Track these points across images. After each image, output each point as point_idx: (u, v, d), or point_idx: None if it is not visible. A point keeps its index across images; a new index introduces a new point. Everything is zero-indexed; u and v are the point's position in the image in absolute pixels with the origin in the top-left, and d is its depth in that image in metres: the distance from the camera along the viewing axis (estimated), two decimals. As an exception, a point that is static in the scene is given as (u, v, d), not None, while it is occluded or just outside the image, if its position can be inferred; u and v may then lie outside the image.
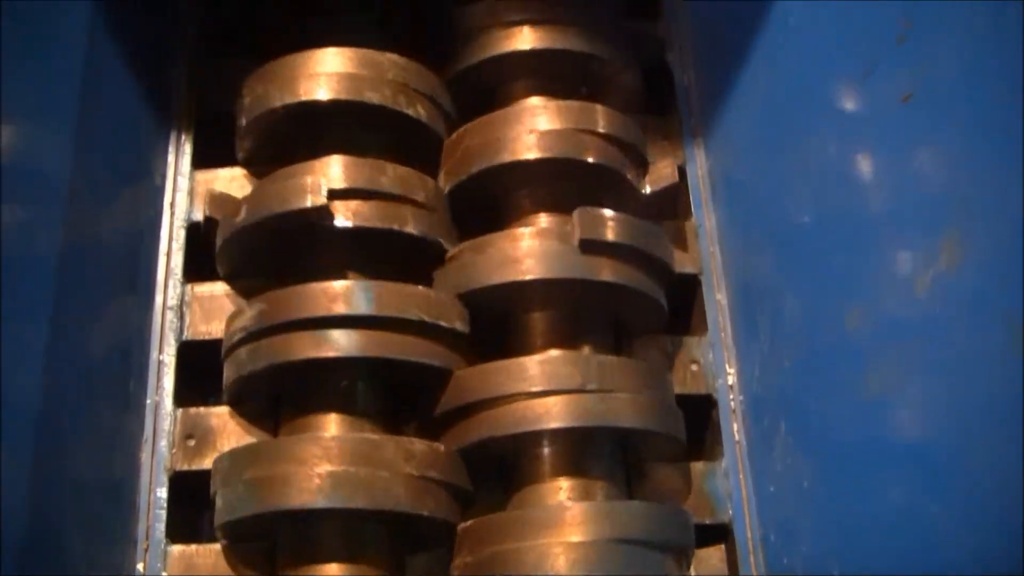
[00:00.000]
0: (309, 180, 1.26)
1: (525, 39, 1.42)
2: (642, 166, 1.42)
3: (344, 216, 1.27)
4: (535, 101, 1.41)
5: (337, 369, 1.26)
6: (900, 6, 1.09)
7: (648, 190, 1.40)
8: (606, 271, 1.29)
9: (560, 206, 1.36)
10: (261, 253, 1.34)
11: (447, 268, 1.33)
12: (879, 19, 1.13)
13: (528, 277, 1.27)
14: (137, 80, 1.36)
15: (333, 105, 1.34)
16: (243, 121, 1.38)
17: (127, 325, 1.33)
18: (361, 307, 1.22)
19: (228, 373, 1.29)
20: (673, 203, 1.46)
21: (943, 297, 1.01)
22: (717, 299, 1.45)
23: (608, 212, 1.31)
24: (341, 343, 1.22)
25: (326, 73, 1.34)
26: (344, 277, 1.29)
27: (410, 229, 1.30)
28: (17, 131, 1.11)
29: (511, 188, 1.38)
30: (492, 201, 1.39)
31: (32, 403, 1.08)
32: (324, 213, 1.26)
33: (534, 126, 1.35)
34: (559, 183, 1.37)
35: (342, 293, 1.23)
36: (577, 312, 1.34)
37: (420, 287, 1.27)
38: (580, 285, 1.29)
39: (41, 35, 1.17)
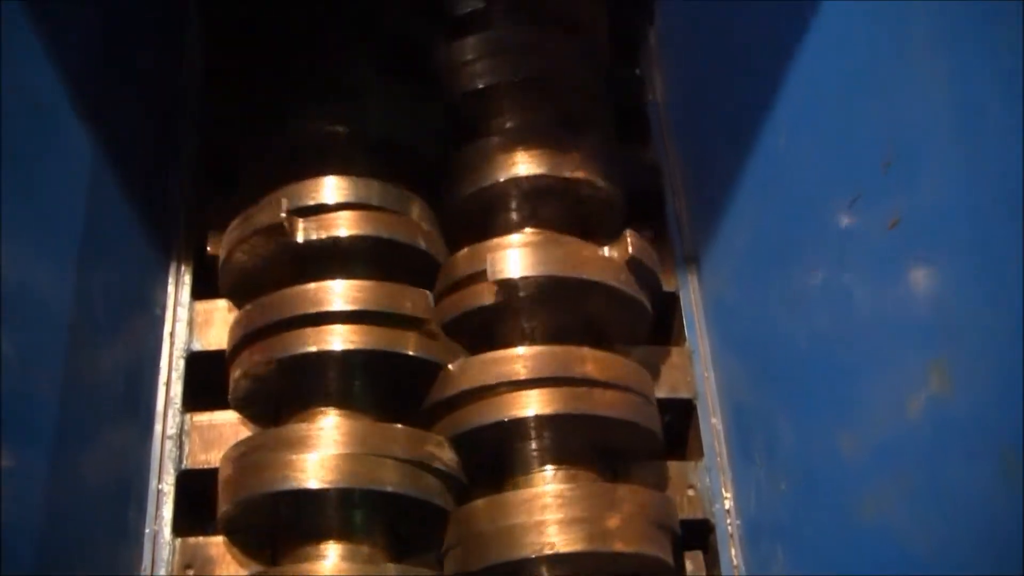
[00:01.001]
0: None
1: (517, 167, 1.44)
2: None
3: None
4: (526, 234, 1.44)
5: (330, 499, 1.26)
6: (884, 135, 1.12)
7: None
8: (598, 405, 1.30)
9: (557, 336, 1.38)
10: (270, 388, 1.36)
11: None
12: (863, 148, 1.15)
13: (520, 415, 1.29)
14: (138, 213, 1.38)
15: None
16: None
17: (126, 454, 1.33)
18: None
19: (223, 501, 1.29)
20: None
21: (935, 422, 1.01)
22: (712, 423, 1.46)
23: (592, 351, 1.33)
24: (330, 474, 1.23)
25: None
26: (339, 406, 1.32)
27: (411, 352, 1.32)
28: (18, 264, 1.12)
29: (506, 318, 1.39)
30: (487, 329, 1.41)
31: (32, 533, 1.08)
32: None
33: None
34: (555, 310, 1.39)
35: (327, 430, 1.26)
36: (570, 440, 1.34)
37: (404, 429, 1.29)
38: (571, 420, 1.30)
39: (42, 169, 1.19)
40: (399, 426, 1.28)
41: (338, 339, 1.29)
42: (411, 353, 1.32)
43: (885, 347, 1.11)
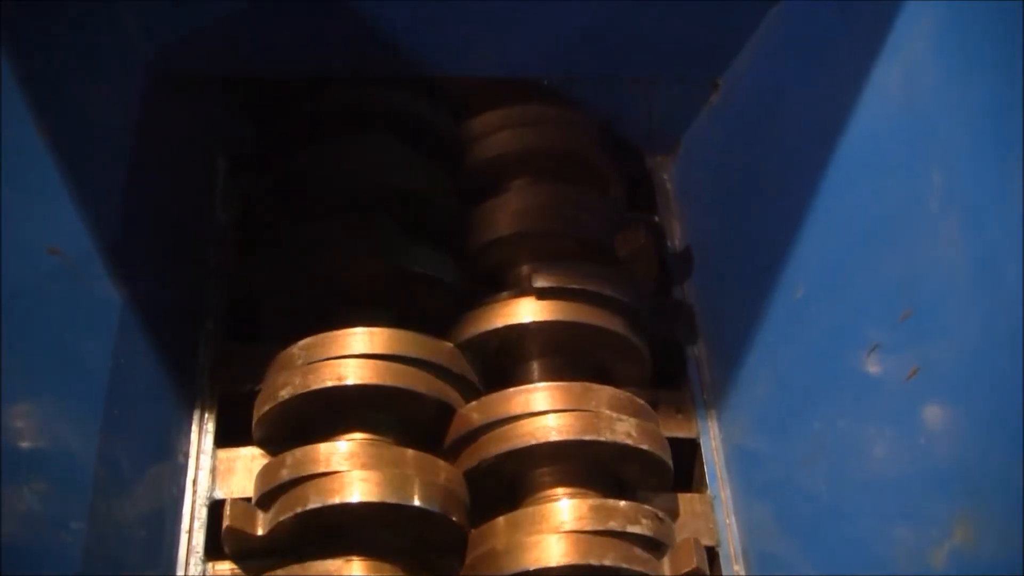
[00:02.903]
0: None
1: (533, 311, 1.44)
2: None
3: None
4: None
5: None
6: (900, 286, 1.13)
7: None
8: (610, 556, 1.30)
9: (577, 483, 1.38)
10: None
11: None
12: (880, 298, 1.17)
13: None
14: (163, 363, 1.39)
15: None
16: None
17: (148, 603, 1.33)
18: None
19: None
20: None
21: (959, 573, 1.01)
22: (735, 570, 1.45)
23: (622, 504, 1.33)
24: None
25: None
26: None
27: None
28: (46, 418, 1.14)
29: (531, 468, 1.39)
30: (508, 482, 1.41)
31: None
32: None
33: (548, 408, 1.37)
34: (574, 462, 1.39)
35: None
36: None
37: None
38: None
39: (71, 326, 1.21)
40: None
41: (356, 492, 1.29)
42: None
43: (907, 498, 1.11)
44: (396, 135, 1.55)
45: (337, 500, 1.28)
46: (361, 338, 1.39)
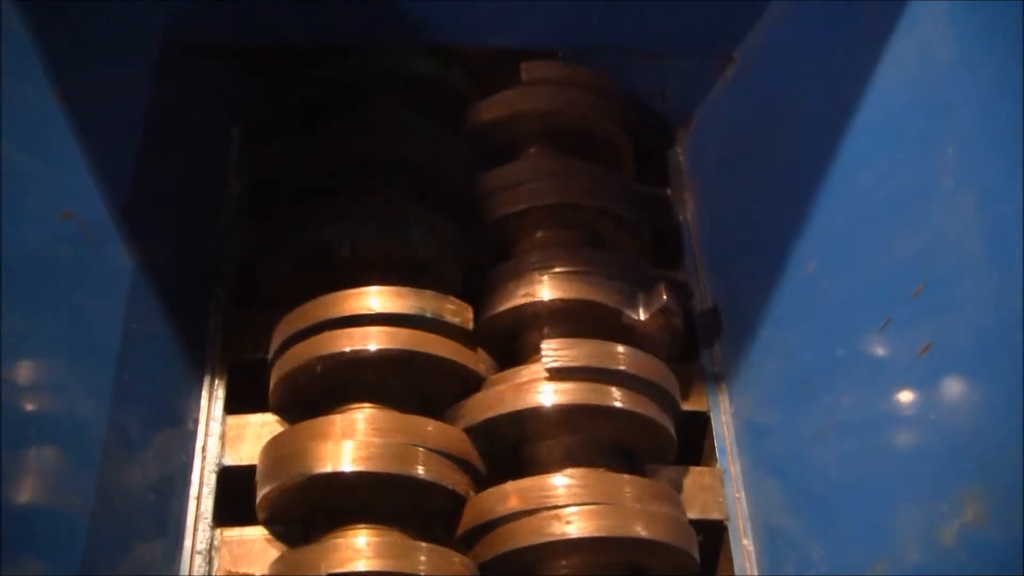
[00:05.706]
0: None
1: (548, 290, 1.44)
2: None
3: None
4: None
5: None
6: (914, 261, 1.13)
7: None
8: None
9: (584, 460, 1.37)
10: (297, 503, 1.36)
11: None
12: (893, 273, 1.16)
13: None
14: (174, 329, 1.40)
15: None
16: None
17: (155, 569, 1.33)
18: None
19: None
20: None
21: (969, 550, 1.01)
22: (744, 545, 1.45)
23: (626, 477, 1.33)
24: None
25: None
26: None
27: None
28: (56, 381, 1.15)
29: (531, 438, 1.39)
30: (514, 450, 1.41)
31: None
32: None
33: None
34: (583, 432, 1.38)
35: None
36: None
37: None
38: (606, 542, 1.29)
39: (83, 288, 1.22)
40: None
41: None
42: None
43: (918, 475, 1.11)
44: (409, 104, 1.56)
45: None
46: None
